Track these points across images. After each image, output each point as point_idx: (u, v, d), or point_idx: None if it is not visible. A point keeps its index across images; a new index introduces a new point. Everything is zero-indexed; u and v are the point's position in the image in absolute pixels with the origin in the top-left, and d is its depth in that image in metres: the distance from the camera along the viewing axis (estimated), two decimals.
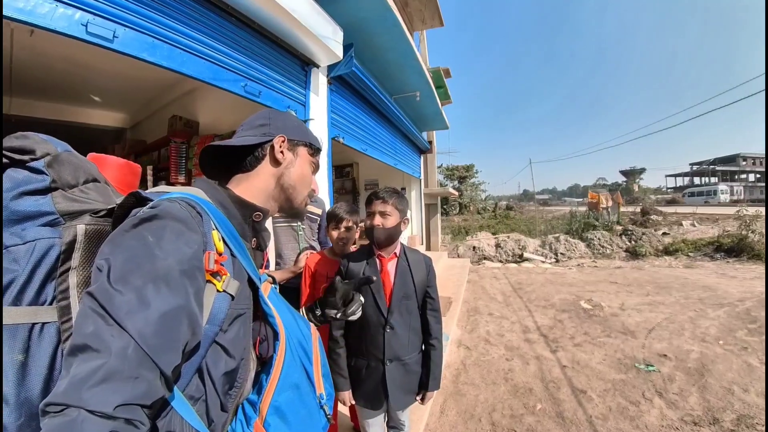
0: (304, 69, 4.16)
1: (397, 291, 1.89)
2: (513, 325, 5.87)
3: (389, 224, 1.85)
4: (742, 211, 13.54)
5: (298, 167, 1.02)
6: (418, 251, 2.08)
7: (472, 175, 36.26)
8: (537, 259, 14.18)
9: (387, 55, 5.68)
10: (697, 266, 11.28)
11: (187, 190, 0.82)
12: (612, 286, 8.58)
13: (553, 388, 3.77)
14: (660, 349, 4.65)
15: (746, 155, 63.56)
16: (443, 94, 11.71)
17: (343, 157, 9.80)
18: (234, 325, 0.78)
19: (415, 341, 1.95)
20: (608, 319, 6.02)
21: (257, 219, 0.94)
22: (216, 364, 0.73)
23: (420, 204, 11.74)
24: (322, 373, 0.93)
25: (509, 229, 21.08)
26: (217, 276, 0.74)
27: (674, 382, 3.84)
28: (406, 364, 1.91)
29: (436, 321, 1.99)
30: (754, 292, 7.31)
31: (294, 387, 0.83)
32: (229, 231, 0.82)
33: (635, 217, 20.62)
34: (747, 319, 5.69)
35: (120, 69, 4.74)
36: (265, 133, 0.98)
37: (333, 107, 4.85)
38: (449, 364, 4.39)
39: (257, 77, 3.45)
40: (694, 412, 3.30)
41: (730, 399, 3.48)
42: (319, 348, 0.96)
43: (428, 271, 2.01)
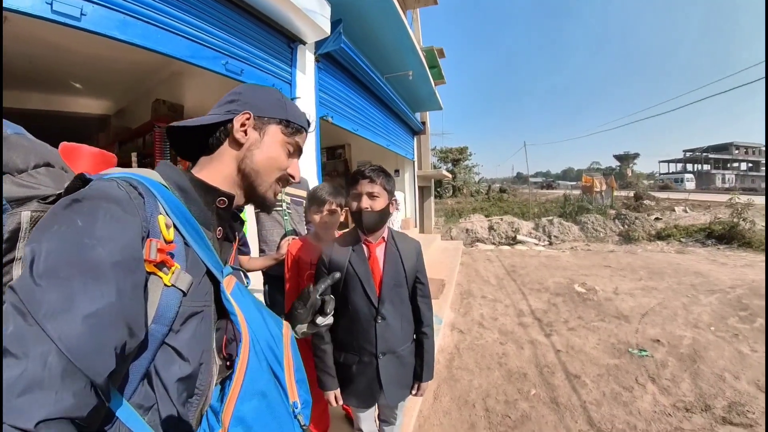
0: (289, 46, 4.02)
1: (388, 279, 1.76)
2: (507, 309, 5.87)
3: (378, 207, 1.70)
4: (735, 198, 13.58)
5: (264, 148, 0.88)
6: (406, 235, 1.97)
7: (466, 158, 36.18)
8: (530, 241, 14.23)
9: (378, 32, 5.54)
10: (689, 252, 11.35)
11: (139, 171, 0.73)
12: (605, 270, 8.61)
13: (547, 373, 3.76)
14: (653, 335, 4.67)
15: (739, 144, 63.85)
16: (437, 74, 11.55)
17: (334, 138, 9.64)
18: (188, 324, 0.69)
19: (408, 331, 1.84)
20: (602, 303, 6.03)
21: (221, 205, 0.84)
22: (167, 368, 0.65)
23: (413, 186, 11.66)
24: (297, 379, 0.82)
25: (502, 211, 21.09)
26: (163, 268, 0.65)
27: (667, 367, 3.85)
28: (400, 356, 1.80)
29: (427, 308, 1.89)
30: (745, 280, 7.36)
31: (260, 395, 0.72)
32: (185, 217, 0.73)
33: (628, 202, 20.74)
34: (738, 307, 5.72)
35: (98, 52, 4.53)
36: (230, 110, 0.87)
37: (321, 86, 4.71)
38: (443, 349, 4.37)
39: (239, 54, 3.31)
40: (687, 399, 3.31)
41: (721, 386, 3.50)
42: (291, 351, 0.85)
43: (418, 256, 1.89)
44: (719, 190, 38.71)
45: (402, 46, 6.20)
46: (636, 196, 21.75)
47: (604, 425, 2.95)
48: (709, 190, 41.76)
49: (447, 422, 3.04)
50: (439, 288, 6.14)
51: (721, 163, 62.89)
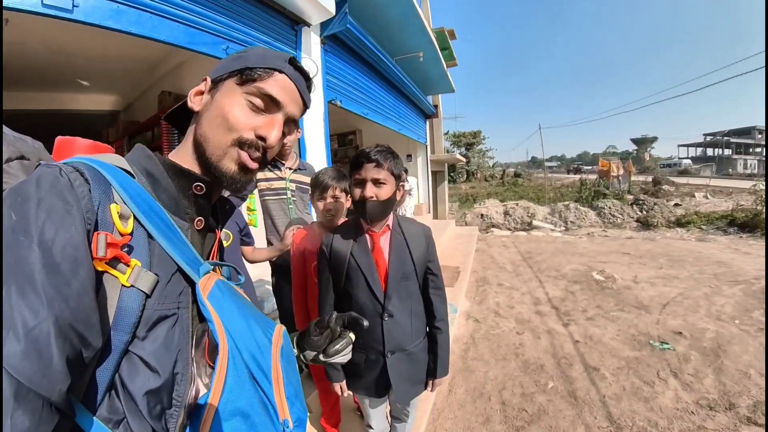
0: (293, 28, 3.89)
1: (394, 271, 1.61)
2: (523, 297, 5.79)
3: (384, 195, 1.51)
4: (758, 185, 13.19)
5: (213, 105, 0.73)
6: (415, 221, 1.80)
7: (480, 142, 35.90)
8: (546, 227, 14.07)
9: (386, 12, 5.37)
10: (710, 240, 11.09)
11: (99, 156, 0.65)
12: (624, 257, 8.43)
13: (565, 365, 3.69)
14: (675, 326, 4.54)
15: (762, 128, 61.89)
16: (448, 56, 11.29)
17: (344, 125, 9.53)
18: (156, 330, 0.60)
19: (419, 326, 1.71)
20: (621, 291, 5.91)
21: (198, 191, 0.73)
22: (133, 379, 0.57)
23: (426, 171, 11.51)
24: (288, 394, 0.70)
25: (517, 196, 20.88)
26: (119, 265, 0.57)
27: (689, 362, 3.74)
28: (411, 354, 1.68)
29: (440, 300, 1.74)
30: None
31: (240, 415, 0.61)
32: (149, 206, 0.63)
33: (647, 187, 20.32)
34: (763, 299, 5.53)
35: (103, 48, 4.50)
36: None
37: (328, 69, 4.58)
38: (458, 338, 4.32)
39: (240, 39, 3.20)
40: (710, 396, 3.21)
41: (746, 383, 3.38)
42: (282, 362, 0.73)
43: (428, 243, 1.71)
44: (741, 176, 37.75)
45: (411, 25, 6.03)
46: (654, 181, 21.31)
47: (624, 421, 2.88)
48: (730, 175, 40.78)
49: (461, 416, 3.00)
50: (453, 275, 6.07)
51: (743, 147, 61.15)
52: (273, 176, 2.64)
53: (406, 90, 8.14)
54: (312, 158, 3.96)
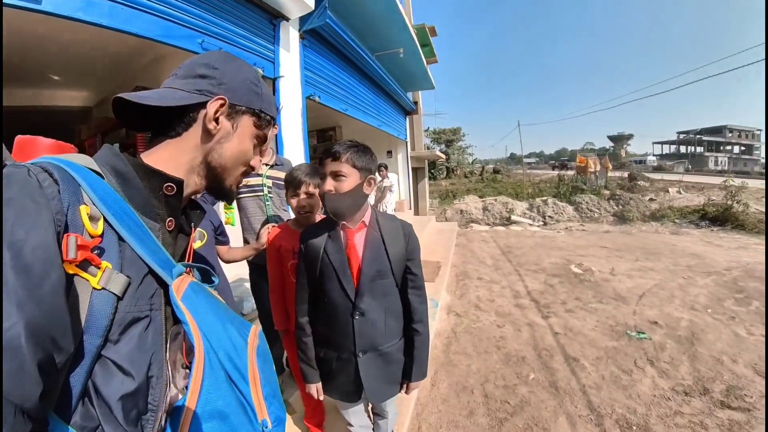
0: (272, 22, 3.82)
1: (367, 269, 1.55)
2: (503, 290, 5.84)
3: (345, 187, 1.46)
4: (729, 181, 13.61)
5: (236, 142, 0.80)
6: (395, 217, 1.73)
7: (459, 139, 36.20)
8: (525, 222, 14.23)
9: (367, 7, 5.34)
10: (683, 233, 11.39)
11: (67, 156, 0.63)
12: (602, 250, 8.61)
13: (546, 357, 3.73)
14: (651, 316, 4.65)
15: (733, 127, 63.91)
16: (429, 53, 11.31)
17: (324, 121, 9.39)
18: (130, 333, 0.59)
19: (395, 326, 1.65)
20: (599, 284, 6.02)
21: (169, 192, 0.73)
22: (107, 384, 0.55)
23: (407, 168, 11.52)
24: (266, 394, 0.70)
25: (496, 192, 21.05)
26: (90, 267, 0.55)
27: (665, 350, 3.83)
28: (385, 354, 1.62)
29: (419, 301, 1.66)
30: (740, 262, 7.38)
31: (218, 416, 0.61)
32: (119, 207, 0.62)
33: (623, 183, 20.75)
34: (734, 289, 5.73)
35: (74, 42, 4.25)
36: (202, 90, 0.75)
37: (307, 64, 4.52)
38: (439, 333, 4.33)
39: (216, 32, 3.13)
40: (685, 382, 3.29)
41: (719, 369, 3.48)
42: (258, 362, 0.73)
43: (407, 240, 1.64)
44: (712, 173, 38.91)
45: (391, 21, 6.00)
46: (630, 177, 21.79)
47: (604, 409, 2.92)
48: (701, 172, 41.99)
49: (445, 409, 3.00)
50: (434, 270, 6.09)
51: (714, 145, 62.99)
52: None
53: (386, 86, 8.11)
54: (290, 154, 3.91)
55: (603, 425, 2.76)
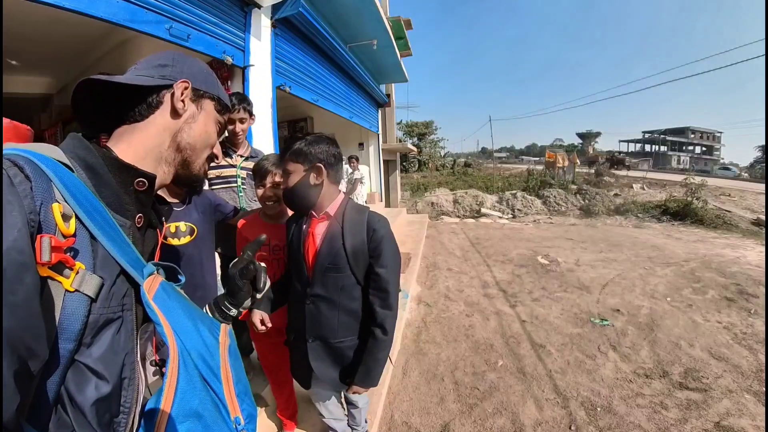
0: (243, 10, 3.70)
1: (321, 260, 1.54)
2: (472, 281, 5.90)
3: (291, 182, 1.51)
4: (689, 179, 14.17)
5: (201, 123, 0.82)
6: (365, 211, 1.63)
7: (432, 132, 36.37)
8: (494, 214, 14.44)
9: None
10: (645, 227, 11.82)
11: (35, 146, 0.58)
12: (567, 242, 8.83)
13: (513, 344, 3.78)
14: (613, 304, 4.79)
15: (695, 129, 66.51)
16: (403, 45, 11.27)
17: (295, 111, 9.21)
18: (103, 335, 0.56)
19: (350, 324, 1.60)
20: (564, 274, 6.16)
21: (140, 188, 0.71)
22: (81, 390, 0.53)
23: (378, 160, 11.47)
24: (237, 392, 0.71)
25: (467, 185, 21.24)
26: (63, 269, 0.52)
27: (627, 336, 3.95)
28: (335, 349, 1.60)
29: (381, 304, 1.54)
30: (697, 254, 7.71)
31: (194, 416, 0.60)
32: (91, 204, 0.59)
33: (589, 178, 21.27)
34: (692, 279, 5.96)
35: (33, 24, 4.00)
36: (165, 76, 0.76)
37: (278, 53, 4.40)
38: (410, 323, 4.33)
39: (185, 18, 2.99)
40: (646, 365, 3.40)
41: (677, 353, 3.61)
42: (230, 360, 0.74)
43: (370, 236, 1.54)
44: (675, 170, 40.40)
45: (366, 12, 5.93)
46: (597, 173, 22.34)
47: (570, 392, 2.99)
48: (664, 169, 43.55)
49: (416, 397, 3.00)
50: (404, 261, 6.09)
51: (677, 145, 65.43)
52: (223, 164, 2.51)
53: (358, 78, 8.01)
54: (259, 144, 3.80)
55: (569, 407, 2.82)
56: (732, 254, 7.80)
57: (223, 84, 3.63)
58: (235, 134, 2.51)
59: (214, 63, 3.63)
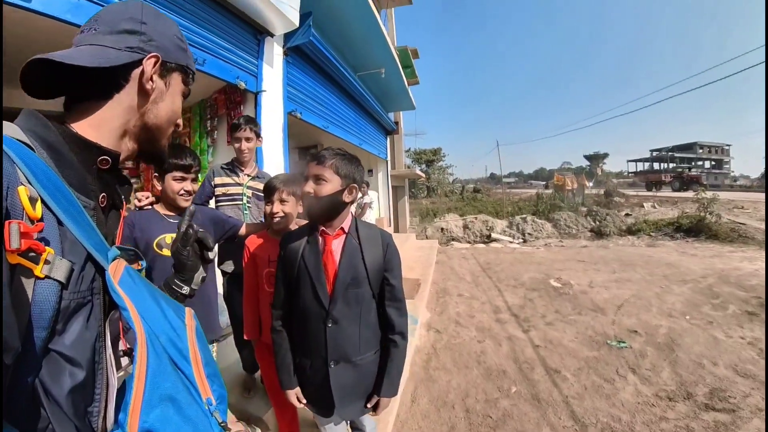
0: (256, 38, 3.85)
1: (342, 276, 1.50)
2: (483, 306, 5.76)
3: (324, 191, 1.44)
4: (701, 194, 13.97)
5: (169, 101, 0.78)
6: (375, 226, 1.68)
7: (440, 159, 36.76)
8: (505, 239, 14.30)
9: (350, 27, 5.41)
10: (658, 245, 11.59)
11: None
12: (579, 264, 8.63)
13: (526, 369, 3.64)
14: (630, 325, 4.63)
15: (703, 143, 66.02)
16: (410, 74, 11.50)
17: (306, 138, 9.35)
18: (74, 321, 0.55)
19: (370, 338, 1.58)
20: (578, 296, 6.00)
21: (103, 166, 0.69)
22: (57, 380, 0.51)
23: (387, 186, 11.51)
24: (207, 373, 0.68)
25: (477, 210, 21.17)
26: (32, 255, 0.49)
27: (646, 357, 3.79)
28: (359, 366, 1.55)
29: (398, 313, 1.59)
30: (714, 269, 7.49)
31: (167, 399, 0.58)
32: (55, 185, 0.56)
33: (599, 199, 21.13)
34: (710, 295, 5.78)
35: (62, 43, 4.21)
36: (133, 48, 0.70)
37: (290, 80, 4.52)
38: (419, 349, 4.21)
39: (200, 43, 3.13)
40: (668, 387, 3.24)
41: (701, 372, 3.46)
42: (198, 343, 0.70)
43: (386, 249, 1.58)
44: None
45: (374, 41, 6.08)
46: (606, 194, 22.21)
47: (588, 419, 2.84)
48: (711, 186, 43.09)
49: (426, 425, 2.88)
50: (414, 287, 5.99)
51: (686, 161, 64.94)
52: (230, 182, 2.60)
53: (367, 105, 8.15)
54: (270, 168, 3.84)
55: None
56: (750, 267, 7.58)
57: (236, 108, 3.83)
58: (241, 152, 2.60)
59: (228, 87, 3.79)
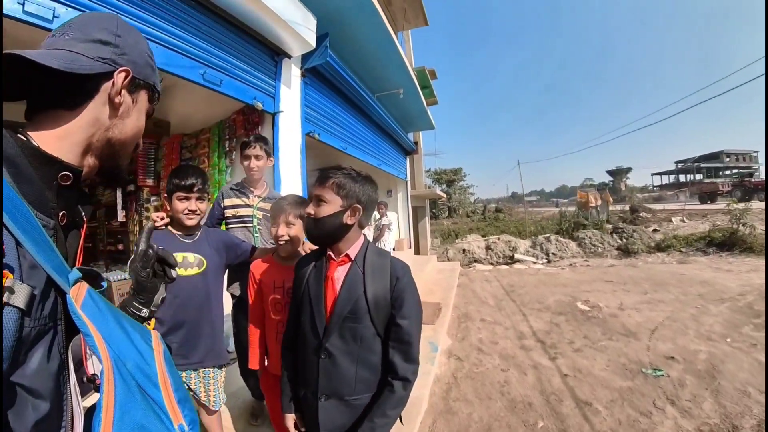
0: (274, 59, 3.91)
1: (339, 307, 1.38)
2: (507, 331, 5.53)
3: (322, 213, 1.37)
4: (732, 205, 13.41)
5: (134, 118, 0.77)
6: (388, 255, 1.50)
7: (461, 179, 36.72)
8: (528, 260, 13.94)
9: (367, 48, 5.45)
10: (690, 261, 11.09)
11: None
12: (607, 285, 8.30)
13: (554, 401, 3.42)
14: (666, 351, 4.34)
15: (729, 152, 64.17)
16: (429, 94, 11.53)
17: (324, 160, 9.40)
18: (36, 350, 0.52)
19: (368, 379, 1.41)
20: (607, 320, 5.71)
21: (64, 182, 0.65)
22: (19, 414, 0.47)
23: (407, 206, 11.44)
24: (178, 399, 0.64)
25: (499, 230, 20.85)
26: None
27: (685, 386, 3.52)
28: (351, 406, 1.40)
29: (403, 358, 1.37)
30: (753, 285, 7.10)
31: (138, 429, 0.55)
32: (13, 203, 0.51)
33: (624, 215, 20.56)
34: (751, 314, 5.43)
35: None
36: (105, 59, 0.68)
37: (307, 101, 4.56)
38: (439, 378, 4.02)
39: (218, 65, 3.19)
40: (711, 420, 2.99)
41: (746, 402, 3.19)
42: (167, 367, 0.67)
43: (393, 283, 1.39)
44: None
45: (391, 62, 6.11)
46: (632, 209, 21.61)
47: None
48: None
49: None
50: (434, 312, 5.81)
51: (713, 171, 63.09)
52: (240, 203, 2.57)
53: (385, 126, 8.17)
54: (287, 190, 3.83)
55: None
56: None
57: (254, 129, 3.84)
58: (250, 170, 2.56)
59: (246, 108, 3.82)
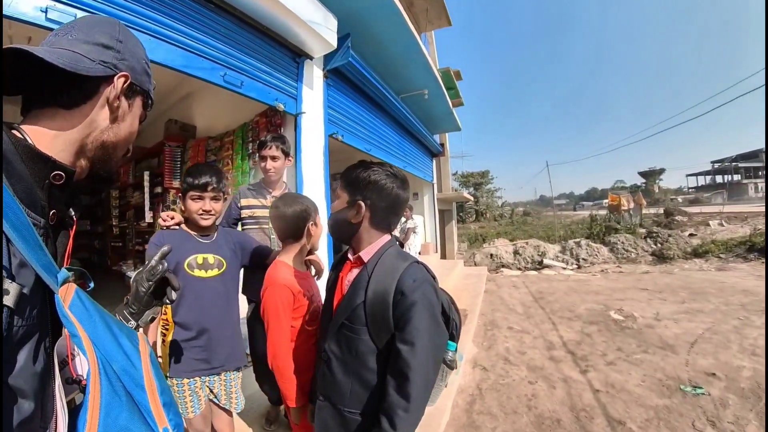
0: (295, 60, 3.88)
1: (339, 312, 1.29)
2: (535, 341, 5.35)
3: (333, 208, 1.40)
4: None
5: (128, 122, 0.79)
6: (405, 264, 1.24)
7: (488, 182, 36.47)
8: (558, 265, 13.61)
9: (390, 48, 5.39)
10: (730, 268, 10.58)
11: None
12: (642, 293, 7.98)
13: (585, 419, 3.25)
14: (706, 367, 4.10)
15: None
16: (454, 95, 11.39)
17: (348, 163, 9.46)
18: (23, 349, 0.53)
19: (361, 394, 1.23)
20: (643, 331, 5.46)
21: (57, 181, 0.65)
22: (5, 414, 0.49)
23: (433, 209, 11.31)
24: (163, 402, 0.64)
25: (527, 235, 20.52)
26: None
27: (728, 407, 3.31)
28: (344, 417, 1.25)
29: (396, 388, 1.12)
30: None
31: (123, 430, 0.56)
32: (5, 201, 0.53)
33: (659, 219, 19.88)
34: None
35: None
36: (107, 62, 0.70)
37: (330, 102, 4.53)
38: (463, 389, 3.91)
39: (239, 66, 3.19)
40: None
41: None
42: (153, 371, 0.67)
43: (397, 299, 1.17)
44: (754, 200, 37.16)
45: (414, 62, 6.05)
46: (666, 213, 20.87)
47: None
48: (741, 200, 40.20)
49: None
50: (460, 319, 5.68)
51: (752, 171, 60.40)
52: (257, 204, 2.57)
53: (410, 127, 8.09)
54: (309, 192, 3.79)
55: None
56: None
57: (276, 131, 3.84)
58: (267, 171, 2.56)
59: (269, 110, 3.84)
